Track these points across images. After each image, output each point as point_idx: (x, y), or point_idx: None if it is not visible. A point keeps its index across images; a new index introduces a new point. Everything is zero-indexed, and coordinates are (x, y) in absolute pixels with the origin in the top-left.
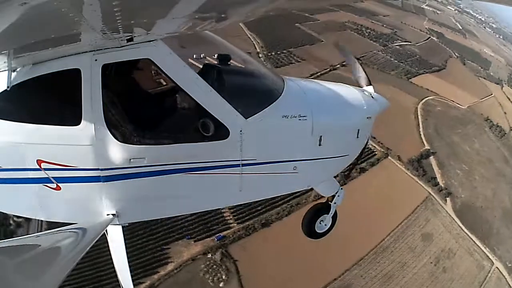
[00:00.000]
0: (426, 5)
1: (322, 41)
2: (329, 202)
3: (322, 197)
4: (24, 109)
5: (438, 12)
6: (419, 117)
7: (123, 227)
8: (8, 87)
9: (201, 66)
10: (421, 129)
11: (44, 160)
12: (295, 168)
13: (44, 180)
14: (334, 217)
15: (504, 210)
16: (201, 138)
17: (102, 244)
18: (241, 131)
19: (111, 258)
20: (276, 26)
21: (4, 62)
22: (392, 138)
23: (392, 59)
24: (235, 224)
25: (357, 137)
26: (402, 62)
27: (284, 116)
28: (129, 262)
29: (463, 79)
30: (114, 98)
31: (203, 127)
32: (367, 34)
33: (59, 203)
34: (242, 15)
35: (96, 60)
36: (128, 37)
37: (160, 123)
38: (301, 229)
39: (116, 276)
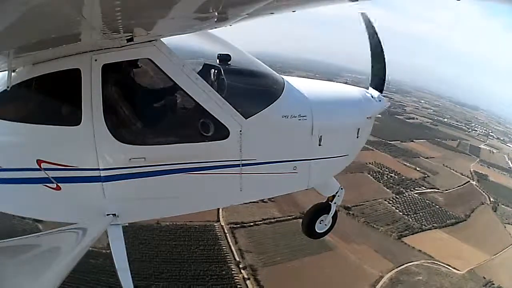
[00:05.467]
0: (485, 144)
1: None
2: (329, 202)
3: None
4: (24, 109)
5: (493, 151)
6: None
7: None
8: (8, 87)
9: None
10: None
11: (44, 160)
12: (295, 168)
13: (44, 180)
14: (334, 217)
15: None
16: (201, 138)
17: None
18: (241, 131)
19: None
20: None
21: (4, 62)
22: None
23: (397, 210)
24: None
25: (357, 136)
26: (408, 215)
27: (284, 116)
28: None
29: (483, 231)
30: (114, 98)
31: (203, 127)
32: (386, 178)
33: (59, 203)
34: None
35: (96, 60)
36: (128, 37)
37: (160, 123)
38: (301, 229)
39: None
